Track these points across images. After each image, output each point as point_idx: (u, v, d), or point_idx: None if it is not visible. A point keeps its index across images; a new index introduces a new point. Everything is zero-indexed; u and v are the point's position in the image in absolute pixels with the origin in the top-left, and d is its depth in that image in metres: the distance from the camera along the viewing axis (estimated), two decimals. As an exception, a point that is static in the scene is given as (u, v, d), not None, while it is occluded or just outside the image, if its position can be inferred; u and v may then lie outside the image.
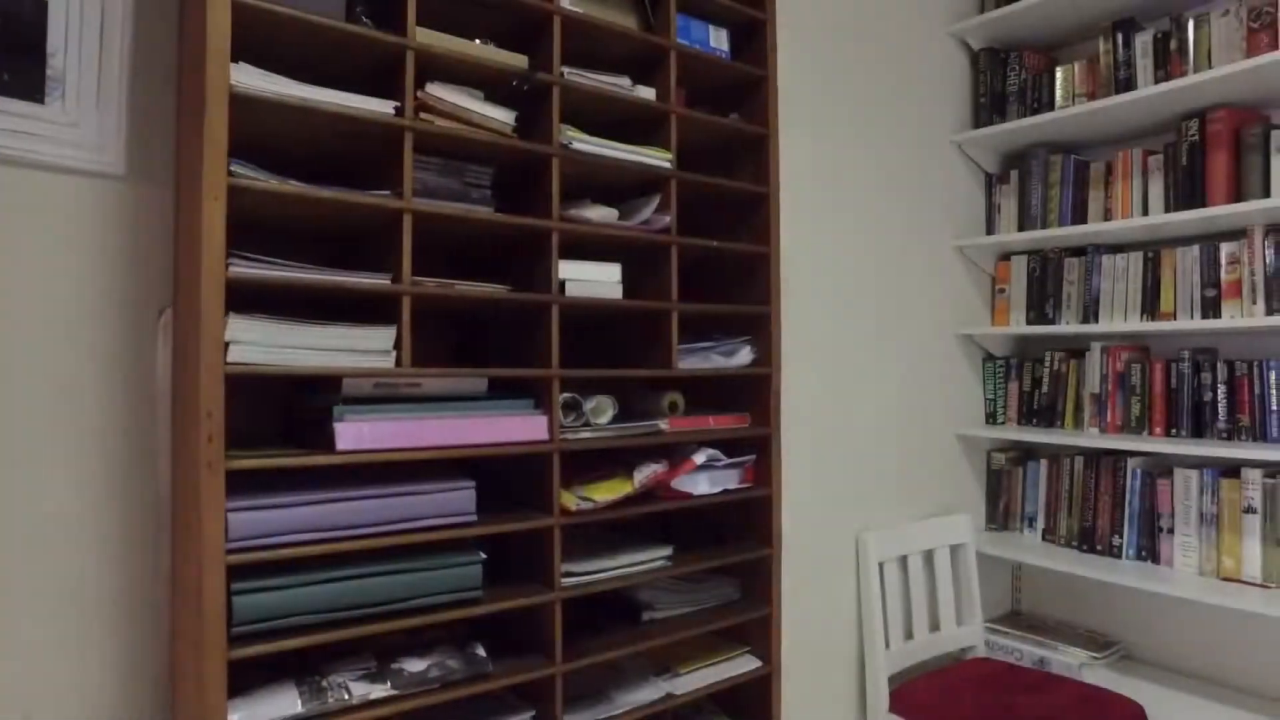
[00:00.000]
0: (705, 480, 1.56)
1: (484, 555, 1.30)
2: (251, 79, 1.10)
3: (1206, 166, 2.02)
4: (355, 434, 1.18)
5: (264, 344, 1.12)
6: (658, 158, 1.52)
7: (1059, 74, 2.30)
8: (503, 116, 1.35)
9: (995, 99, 2.43)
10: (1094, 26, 2.29)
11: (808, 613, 1.94)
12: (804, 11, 1.99)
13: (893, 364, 2.21)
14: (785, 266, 1.87)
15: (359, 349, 1.21)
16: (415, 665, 1.23)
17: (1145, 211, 2.16)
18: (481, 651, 1.30)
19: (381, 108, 1.21)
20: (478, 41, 1.34)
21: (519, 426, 1.35)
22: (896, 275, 2.23)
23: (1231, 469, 1.98)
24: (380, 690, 1.18)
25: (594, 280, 1.44)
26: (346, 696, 1.15)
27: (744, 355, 1.64)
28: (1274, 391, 1.92)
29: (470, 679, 1.27)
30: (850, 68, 2.12)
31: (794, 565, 1.89)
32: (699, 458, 1.53)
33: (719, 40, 1.69)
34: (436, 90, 1.28)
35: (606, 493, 1.43)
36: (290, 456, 1.12)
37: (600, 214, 1.46)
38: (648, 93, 1.54)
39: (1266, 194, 1.93)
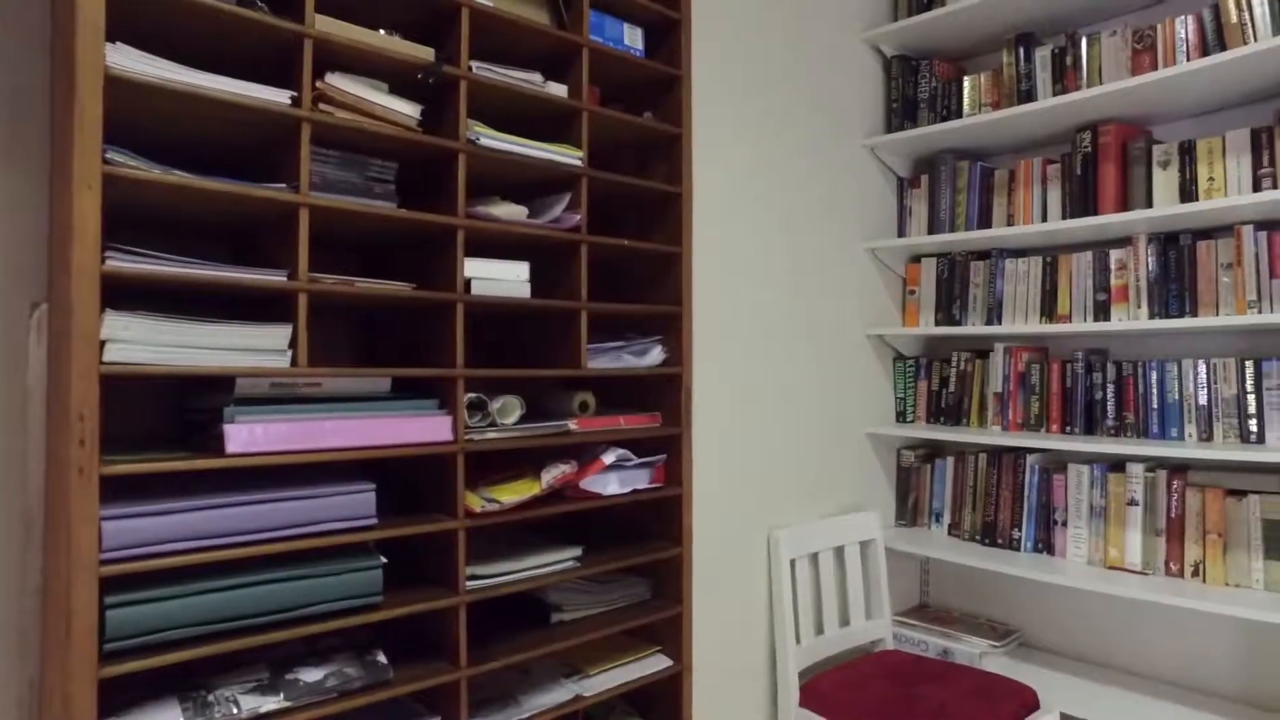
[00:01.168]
0: (615, 480, 1.56)
1: (385, 559, 1.26)
2: (130, 61, 1.04)
3: (1098, 177, 2.12)
4: (247, 436, 1.14)
5: (146, 343, 1.07)
6: (568, 155, 1.50)
7: (966, 83, 2.37)
8: (407, 110, 1.32)
9: (907, 105, 2.49)
10: (998, 39, 2.38)
11: (720, 610, 1.96)
12: (720, 13, 2.01)
13: (805, 364, 2.24)
14: (698, 266, 1.89)
15: (253, 348, 1.16)
16: (311, 675, 1.19)
17: (1044, 218, 2.25)
18: (382, 658, 1.27)
19: (277, 97, 1.16)
20: (382, 32, 1.30)
21: (423, 427, 1.32)
22: (809, 276, 2.27)
23: (1118, 464, 2.08)
24: (272, 702, 1.14)
25: (501, 279, 1.41)
26: (235, 710, 1.10)
27: (655, 355, 1.64)
28: (1155, 391, 2.02)
29: (370, 687, 1.23)
30: (766, 70, 2.14)
31: (705, 564, 1.91)
32: (608, 458, 1.52)
33: (633, 38, 1.69)
34: (337, 81, 1.24)
35: (513, 494, 1.41)
36: (173, 460, 1.07)
37: (508, 211, 1.44)
38: (559, 89, 1.53)
39: (1149, 204, 2.03)
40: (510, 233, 1.43)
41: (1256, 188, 1.88)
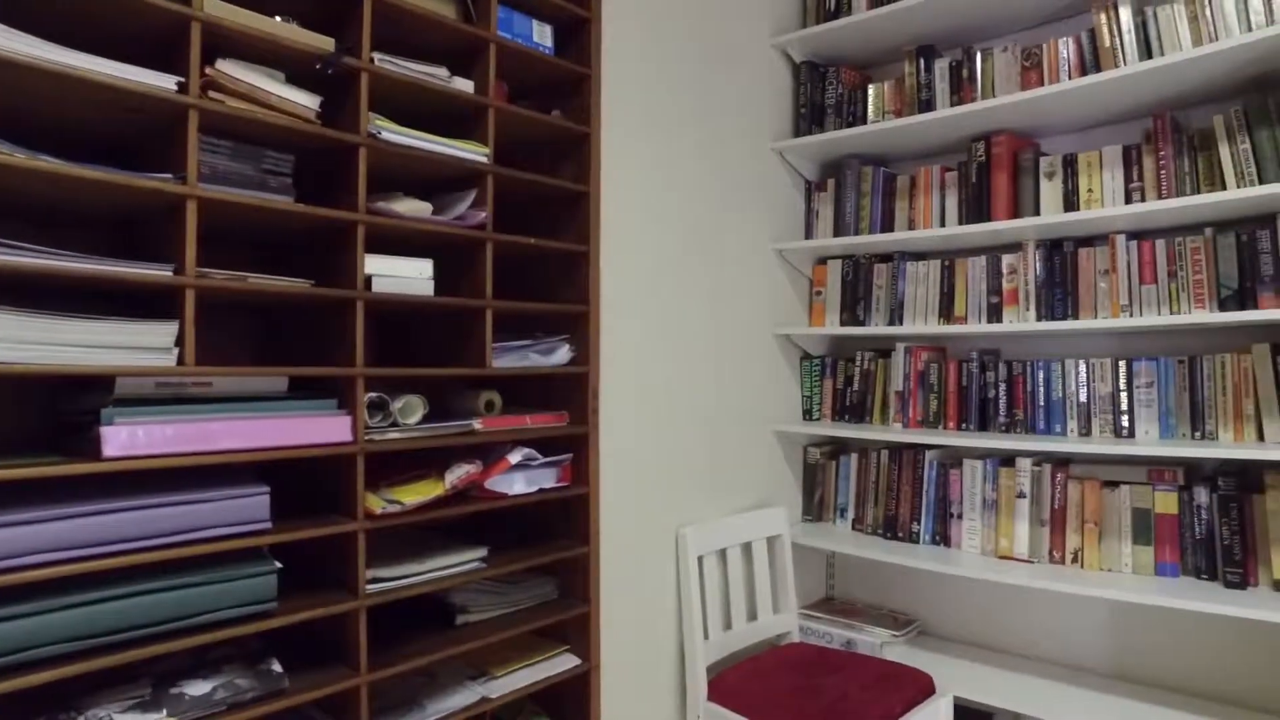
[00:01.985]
0: (521, 480, 1.55)
1: (280, 564, 1.22)
2: (-5, 40, 0.98)
3: (991, 185, 2.22)
4: (126, 438, 1.08)
5: (11, 340, 1.00)
6: (474, 152, 1.48)
7: (871, 91, 2.45)
8: (305, 101, 1.28)
9: (815, 110, 2.56)
10: (900, 50, 2.46)
11: (628, 608, 1.97)
12: (631, 13, 2.01)
13: (714, 362, 2.28)
14: (606, 266, 1.89)
15: (135, 346, 1.11)
16: (199, 688, 1.14)
17: (943, 223, 2.34)
18: (277, 667, 1.23)
19: (161, 82, 1.11)
20: (278, 19, 1.26)
21: (321, 427, 1.28)
22: (718, 276, 2.30)
23: (1008, 459, 2.19)
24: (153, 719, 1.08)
25: (404, 276, 1.39)
26: (111, 727, 1.05)
27: (562, 354, 1.64)
28: (1042, 389, 2.13)
29: (263, 697, 1.19)
30: (677, 71, 2.16)
31: (613, 562, 1.92)
32: (514, 457, 1.51)
33: (542, 36, 1.68)
34: (228, 68, 1.19)
35: (416, 494, 1.38)
36: (43, 464, 1.01)
37: (411, 207, 1.41)
38: (465, 85, 1.51)
39: (1037, 212, 2.14)
40: (413, 229, 1.41)
41: (1128, 200, 2.01)
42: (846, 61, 2.61)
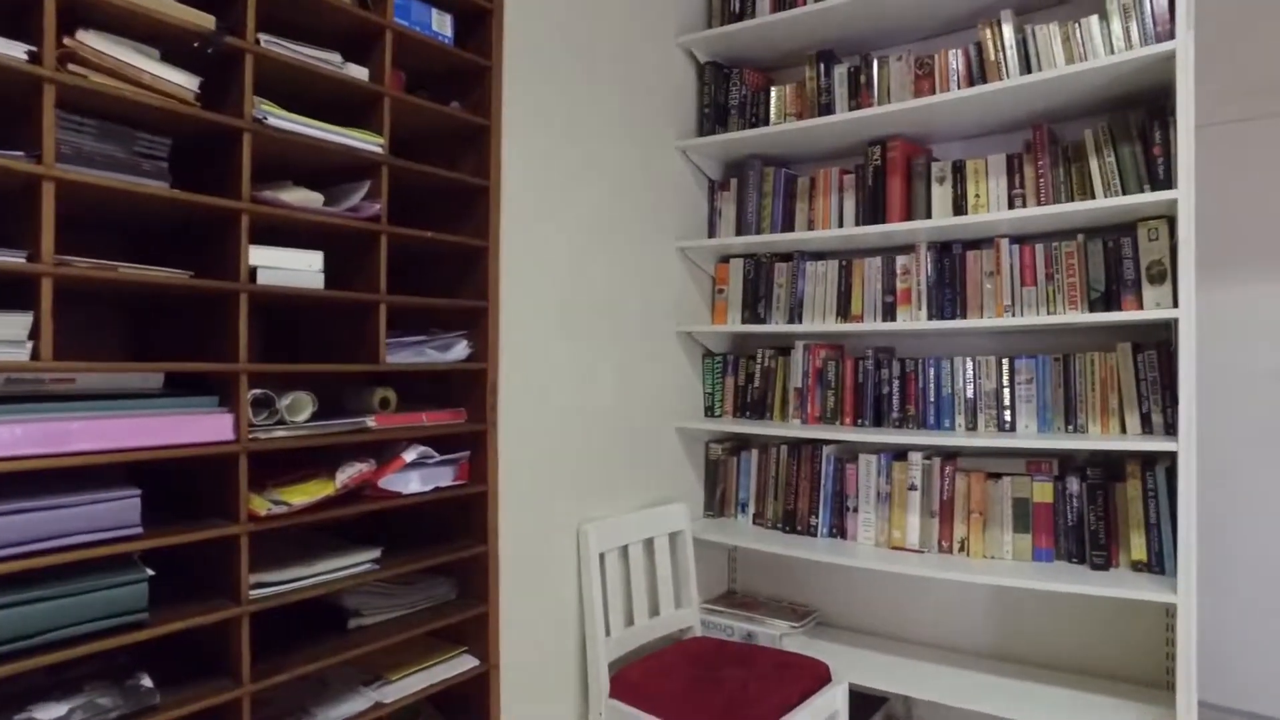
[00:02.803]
0: (417, 478, 1.51)
1: (151, 572, 1.16)
2: None
3: (886, 188, 2.30)
4: (-27, 439, 1.00)
5: None
6: (368, 142, 1.44)
7: (774, 93, 2.50)
8: (183, 81, 1.21)
9: (718, 110, 2.59)
10: (802, 54, 2.52)
11: (528, 607, 1.95)
12: (534, 6, 1.99)
13: (616, 359, 2.28)
14: (507, 261, 1.87)
15: (-18, 338, 1.03)
16: (51, 712, 1.06)
17: (841, 224, 2.41)
18: (147, 682, 1.16)
19: (9, 50, 1.03)
20: (152, -8, 1.18)
21: (200, 426, 1.22)
22: (622, 273, 2.30)
23: (901, 453, 2.27)
24: (3, 741, 1.01)
25: (292, 269, 1.33)
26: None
27: (460, 350, 1.60)
28: (932, 385, 2.22)
29: (129, 716, 1.12)
30: (581, 67, 2.15)
31: (513, 560, 1.89)
32: (409, 455, 1.47)
33: (442, 25, 1.64)
34: (90, 39, 1.12)
35: (304, 495, 1.33)
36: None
37: (300, 197, 1.35)
38: (360, 72, 1.46)
39: (929, 215, 2.23)
40: (302, 220, 1.35)
41: (1011, 206, 2.11)
42: (750, 63, 2.66)
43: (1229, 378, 2.56)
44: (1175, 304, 1.79)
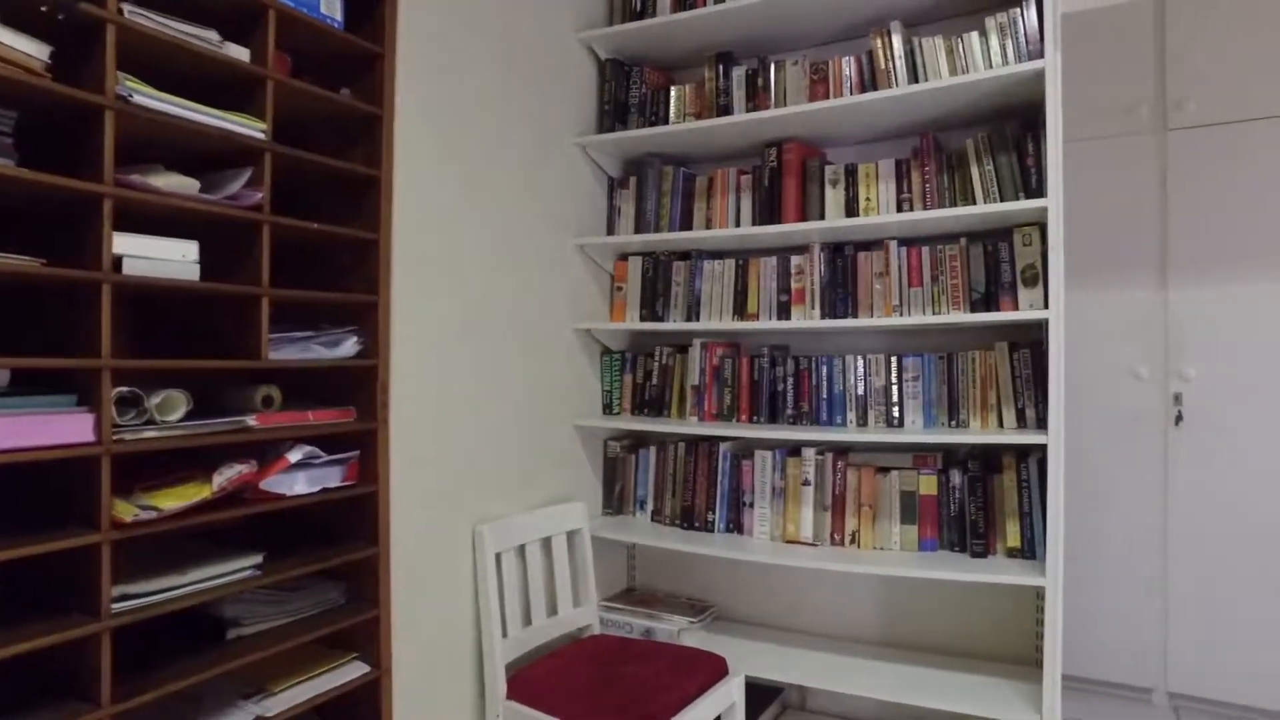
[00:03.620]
0: (303, 479, 1.45)
1: (-1, 586, 1.06)
2: None
3: (782, 189, 2.35)
4: None
5: None
6: (250, 126, 1.36)
7: (673, 92, 2.52)
8: (28, 48, 1.11)
9: (618, 108, 2.59)
10: (701, 55, 2.55)
11: (423, 610, 1.90)
12: (431, -7, 1.94)
13: (514, 357, 2.25)
14: (400, 255, 1.80)
15: None
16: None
17: (738, 223, 2.45)
18: (-6, 704, 1.07)
19: None
20: (-2, -47, 1.09)
21: (55, 427, 1.13)
22: (519, 269, 2.27)
23: (795, 449, 2.33)
24: None
25: (163, 258, 1.25)
26: None
27: (349, 346, 1.54)
28: (825, 383, 2.29)
29: (-27, 741, 1.03)
30: (480, 58, 2.11)
31: (406, 563, 1.84)
32: (294, 455, 1.41)
33: (331, 8, 1.57)
34: (-73, 5, 1.01)
35: (177, 499, 1.25)
36: None
37: (173, 183, 1.27)
38: (240, 53, 1.38)
39: (822, 217, 2.29)
40: (176, 207, 1.27)
41: (899, 209, 2.20)
42: (651, 62, 2.67)
43: (1095, 375, 2.74)
44: (1046, 305, 1.91)
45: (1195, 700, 2.62)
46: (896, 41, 2.13)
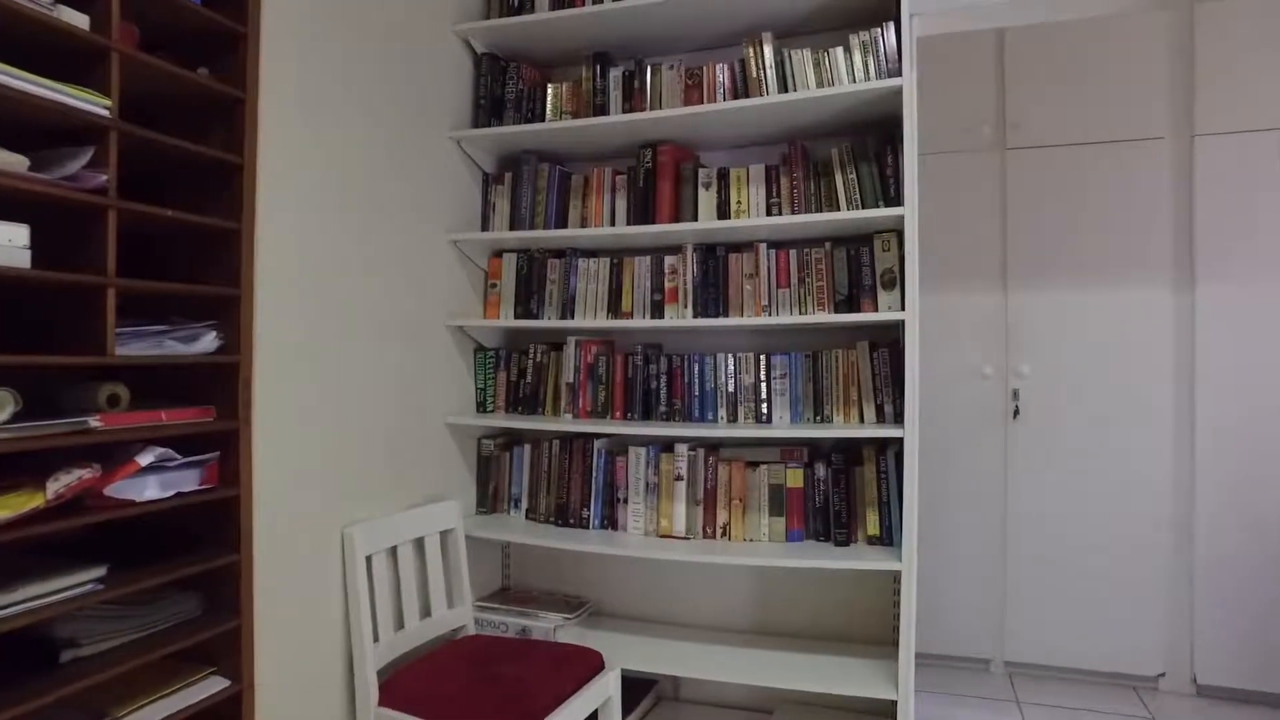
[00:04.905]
0: (155, 483, 1.35)
1: None
2: None
3: (656, 190, 2.39)
4: None
5: None
6: (91, 101, 1.26)
7: (550, 90, 2.51)
8: None
9: (494, 103, 2.55)
10: (579, 54, 2.55)
11: (288, 618, 1.81)
12: (296, -28, 1.84)
13: (384, 354, 2.17)
14: (264, 246, 1.71)
15: None
16: None
17: (613, 222, 2.47)
18: None
19: None
20: None
21: None
22: (390, 264, 2.20)
23: (668, 445, 2.38)
24: None
25: (-11, 242, 1.13)
26: None
27: (207, 341, 1.45)
28: (698, 380, 2.35)
29: None
30: (352, 44, 2.02)
31: (270, 569, 1.74)
32: (145, 458, 1.31)
33: (186, -21, 1.47)
34: None
35: (3, 509, 1.14)
36: None
37: None
38: (79, 19, 1.27)
39: (695, 218, 2.35)
40: (2, 186, 1.15)
41: (769, 213, 2.29)
42: (528, 58, 2.65)
43: (946, 373, 2.95)
44: (903, 307, 2.04)
45: (1028, 666, 2.88)
46: (768, 51, 2.21)
